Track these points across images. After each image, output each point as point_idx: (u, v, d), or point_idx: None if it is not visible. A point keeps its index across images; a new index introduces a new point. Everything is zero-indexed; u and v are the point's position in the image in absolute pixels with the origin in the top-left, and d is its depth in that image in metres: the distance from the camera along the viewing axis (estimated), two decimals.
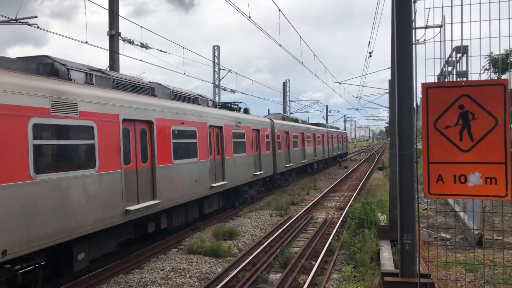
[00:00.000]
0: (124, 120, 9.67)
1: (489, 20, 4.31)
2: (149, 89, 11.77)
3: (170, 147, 11.65)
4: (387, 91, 12.92)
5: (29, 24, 11.26)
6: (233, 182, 16.43)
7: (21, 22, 11.30)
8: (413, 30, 5.63)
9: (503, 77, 15.63)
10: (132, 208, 9.69)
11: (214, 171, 14.77)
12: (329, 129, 43.20)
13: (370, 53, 23.87)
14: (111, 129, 9.21)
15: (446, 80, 16.61)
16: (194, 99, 14.53)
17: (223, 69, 31.32)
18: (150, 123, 10.76)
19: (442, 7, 4.72)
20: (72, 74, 9.08)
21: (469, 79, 8.34)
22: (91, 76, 9.68)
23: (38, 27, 11.29)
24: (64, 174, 7.92)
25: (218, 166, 15.29)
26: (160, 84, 13.08)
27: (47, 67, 8.90)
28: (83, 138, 8.42)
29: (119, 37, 15.39)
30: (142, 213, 10.22)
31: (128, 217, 9.67)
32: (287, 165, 25.14)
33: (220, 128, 15.46)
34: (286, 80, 48.92)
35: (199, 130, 13.53)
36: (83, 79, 9.47)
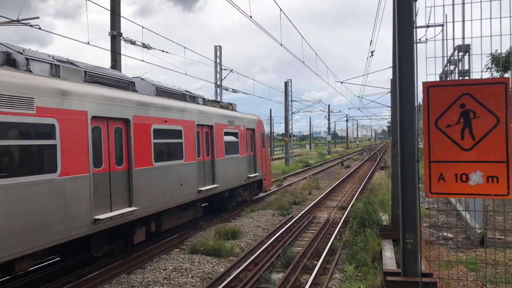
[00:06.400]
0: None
1: (490, 18, 4.30)
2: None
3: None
4: (389, 90, 12.92)
5: (31, 25, 11.12)
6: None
7: (22, 23, 11.19)
8: (415, 29, 5.62)
9: (505, 75, 15.57)
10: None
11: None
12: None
13: (372, 52, 23.85)
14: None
15: (448, 79, 16.57)
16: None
17: (225, 69, 31.32)
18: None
19: (444, 5, 4.71)
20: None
21: (471, 78, 8.33)
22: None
23: (40, 28, 11.16)
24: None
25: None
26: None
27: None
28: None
29: (121, 38, 15.41)
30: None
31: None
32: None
33: None
34: (288, 79, 48.93)
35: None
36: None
